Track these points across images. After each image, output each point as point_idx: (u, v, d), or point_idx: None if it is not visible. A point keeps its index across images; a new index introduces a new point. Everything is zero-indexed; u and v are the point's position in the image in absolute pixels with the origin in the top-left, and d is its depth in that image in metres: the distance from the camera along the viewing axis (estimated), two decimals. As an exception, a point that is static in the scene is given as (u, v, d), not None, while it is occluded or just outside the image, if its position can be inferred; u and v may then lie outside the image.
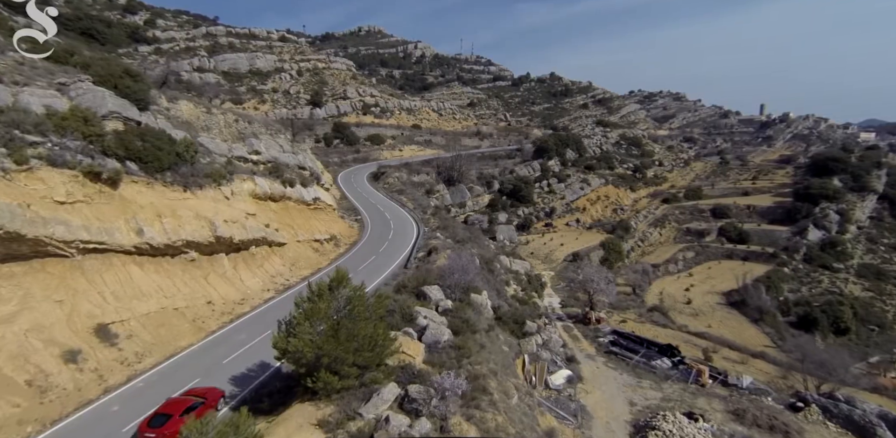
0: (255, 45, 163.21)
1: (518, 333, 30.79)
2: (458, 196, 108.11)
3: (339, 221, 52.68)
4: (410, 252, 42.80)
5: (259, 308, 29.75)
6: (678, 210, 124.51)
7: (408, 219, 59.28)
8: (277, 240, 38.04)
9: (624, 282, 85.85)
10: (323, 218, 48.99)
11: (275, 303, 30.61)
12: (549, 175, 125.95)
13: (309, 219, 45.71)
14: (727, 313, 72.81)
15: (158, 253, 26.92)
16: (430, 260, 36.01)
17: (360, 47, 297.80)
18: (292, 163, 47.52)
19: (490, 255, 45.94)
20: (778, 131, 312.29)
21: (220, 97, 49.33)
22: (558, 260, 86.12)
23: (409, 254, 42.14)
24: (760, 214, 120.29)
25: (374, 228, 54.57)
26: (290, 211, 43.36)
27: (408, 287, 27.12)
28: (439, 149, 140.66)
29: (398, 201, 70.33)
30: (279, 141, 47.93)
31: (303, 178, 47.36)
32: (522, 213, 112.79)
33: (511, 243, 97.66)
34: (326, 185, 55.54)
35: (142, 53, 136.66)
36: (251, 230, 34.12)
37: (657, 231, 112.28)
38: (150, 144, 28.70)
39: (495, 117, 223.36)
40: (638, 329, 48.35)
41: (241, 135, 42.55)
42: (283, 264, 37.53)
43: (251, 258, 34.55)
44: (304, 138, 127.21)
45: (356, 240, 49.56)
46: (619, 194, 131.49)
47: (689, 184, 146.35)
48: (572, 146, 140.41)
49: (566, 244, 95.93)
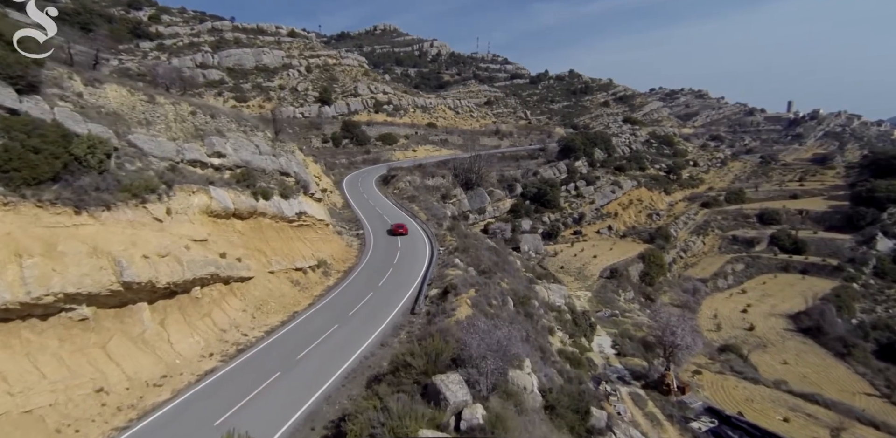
0: (263, 41, 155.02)
1: (580, 430, 20.20)
2: (476, 201, 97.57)
3: (333, 240, 42.55)
4: (420, 286, 32.41)
5: (187, 391, 19.61)
6: (720, 215, 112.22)
7: (419, 234, 48.95)
8: (238, 275, 28.00)
9: (669, 301, 74.46)
10: (311, 237, 38.89)
11: (216, 380, 20.53)
12: (577, 177, 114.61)
13: (290, 241, 35.62)
14: (801, 343, 61.02)
15: (14, 315, 16.98)
16: (446, 307, 25.55)
17: (375, 46, 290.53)
18: (271, 169, 37.51)
19: (524, 289, 35.38)
20: (808, 129, 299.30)
21: (182, 85, 38.85)
22: (593, 277, 74.98)
23: (418, 290, 31.78)
24: (815, 220, 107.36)
25: (378, 248, 44.34)
26: (263, 231, 33.31)
27: (411, 373, 16.80)
28: (456, 150, 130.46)
29: (409, 211, 60.05)
30: (255, 140, 37.94)
31: (284, 187, 37.32)
32: (548, 220, 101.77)
33: (537, 255, 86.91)
34: (319, 194, 45.42)
35: (143, 49, 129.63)
36: (192, 265, 24.07)
37: (700, 239, 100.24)
38: (19, 144, 18.80)
39: (514, 115, 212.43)
40: (719, 384, 37.29)
41: (198, 131, 32.63)
42: (245, 308, 27.43)
43: (193, 305, 24.51)
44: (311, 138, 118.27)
45: (353, 266, 39.34)
46: (652, 197, 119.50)
47: (729, 185, 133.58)
48: (601, 145, 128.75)
49: (600, 256, 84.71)
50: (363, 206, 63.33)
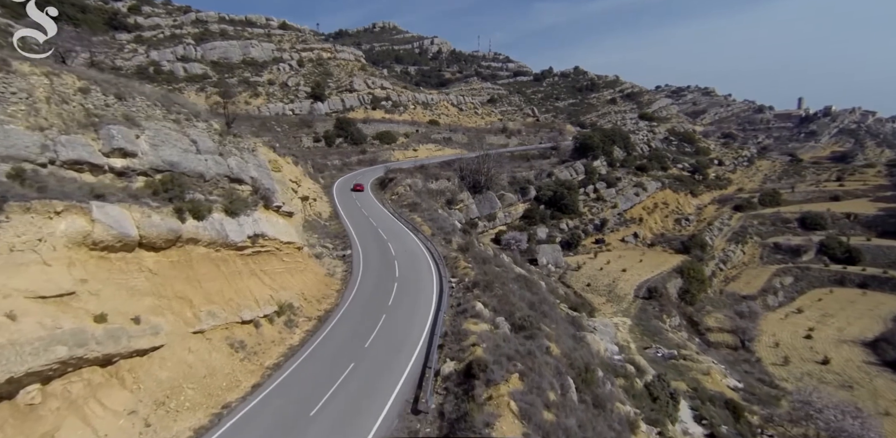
0: (252, 33, 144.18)
1: None
2: (486, 206, 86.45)
3: (307, 268, 31.42)
4: (427, 350, 21.35)
5: None
6: (756, 219, 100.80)
7: (423, 257, 37.81)
8: (131, 347, 17.00)
9: (717, 326, 63.25)
10: (272, 268, 27.77)
11: None
12: (596, 178, 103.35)
13: (237, 278, 24.51)
14: (892, 381, 49.71)
15: None
16: (473, 417, 14.47)
17: (373, 44, 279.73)
18: (214, 173, 26.43)
19: (573, 343, 24.32)
20: (822, 126, 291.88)
21: (92, 54, 27.36)
22: (628, 297, 63.74)
23: (424, 357, 20.74)
24: (865, 225, 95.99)
25: (369, 275, 33.26)
26: (193, 266, 22.22)
27: None
28: (461, 149, 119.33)
29: (410, 223, 48.87)
30: (192, 132, 26.88)
31: (233, 200, 26.26)
32: (566, 227, 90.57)
33: (557, 268, 75.76)
34: (290, 206, 34.24)
35: (119, 42, 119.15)
36: (21, 351, 13.06)
37: (739, 248, 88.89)
38: None
39: (521, 112, 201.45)
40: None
41: (91, 118, 21.66)
42: (135, 408, 16.34)
43: (19, 420, 13.45)
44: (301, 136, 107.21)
45: (332, 308, 28.20)
46: (679, 200, 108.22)
47: (761, 186, 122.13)
48: (619, 143, 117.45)
49: (630, 269, 73.49)
50: (354, 217, 52.32)
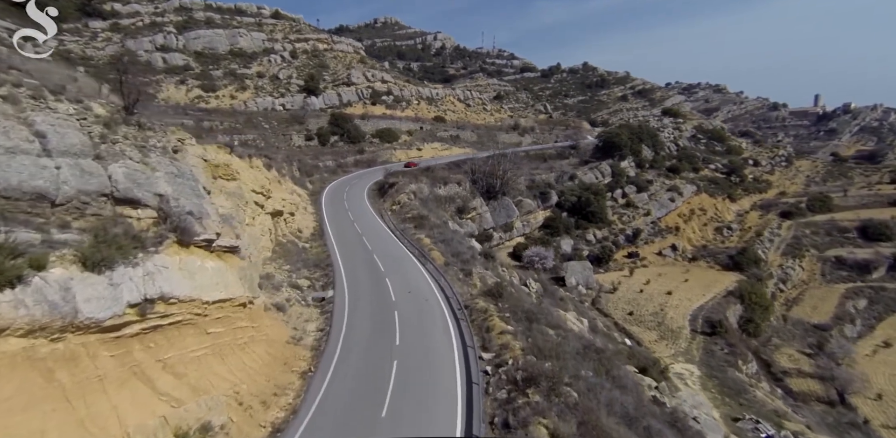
0: (241, 22, 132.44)
1: None
2: (502, 215, 74.40)
3: (251, 340, 19.45)
4: None
5: None
6: (808, 228, 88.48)
7: (436, 305, 25.83)
8: None
9: (795, 368, 51.01)
10: (183, 353, 15.79)
11: None
12: (625, 181, 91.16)
13: (89, 392, 12.55)
14: None
15: None
16: None
17: (375, 39, 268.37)
18: (71, 193, 14.45)
19: None
20: (843, 124, 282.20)
21: None
22: (683, 331, 51.48)
23: None
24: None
25: (352, 348, 21.25)
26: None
27: None
28: (470, 148, 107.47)
29: (415, 245, 36.76)
30: (38, 119, 15.03)
31: (101, 241, 14.31)
32: (594, 238, 78.44)
33: (589, 290, 63.69)
34: (232, 237, 21.98)
35: (93, 30, 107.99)
36: None
37: (796, 263, 76.53)
38: None
39: (533, 109, 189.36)
40: None
41: None
42: None
43: None
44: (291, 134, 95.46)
45: (283, 423, 16.25)
46: (716, 206, 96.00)
47: (806, 189, 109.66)
48: (648, 141, 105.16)
49: (676, 291, 61.34)
50: (344, 235, 40.46)
